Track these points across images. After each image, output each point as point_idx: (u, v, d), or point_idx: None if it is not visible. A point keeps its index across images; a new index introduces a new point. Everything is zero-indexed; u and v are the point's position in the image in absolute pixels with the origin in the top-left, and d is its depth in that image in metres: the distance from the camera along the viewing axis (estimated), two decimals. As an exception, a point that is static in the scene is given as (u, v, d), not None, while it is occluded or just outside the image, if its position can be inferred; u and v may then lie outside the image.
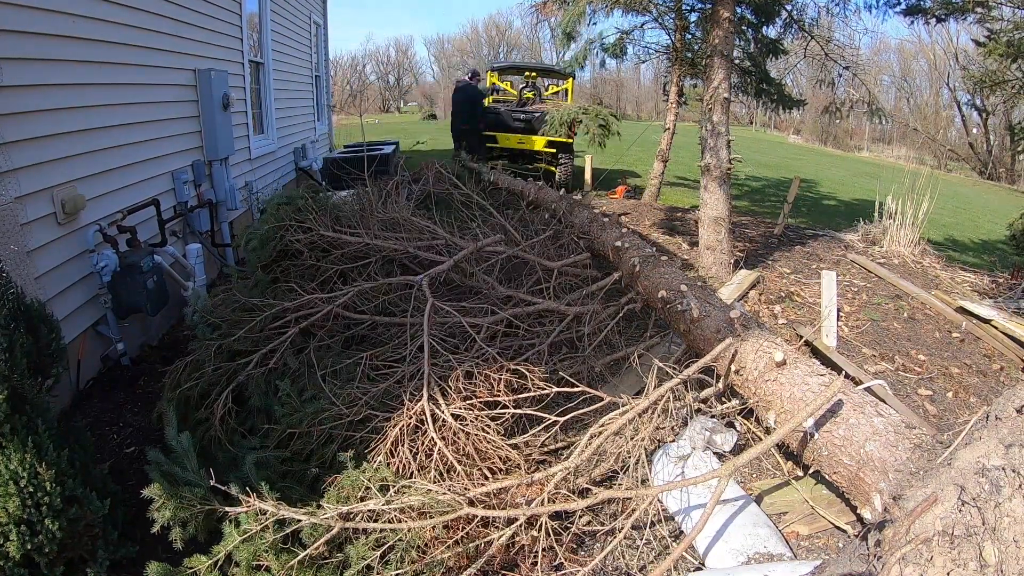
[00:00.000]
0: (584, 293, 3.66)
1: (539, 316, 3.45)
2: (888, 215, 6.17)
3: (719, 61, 4.74)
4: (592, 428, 2.37)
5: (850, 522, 2.26)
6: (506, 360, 2.75)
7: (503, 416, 2.53)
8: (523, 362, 2.77)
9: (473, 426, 2.39)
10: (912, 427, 1.94)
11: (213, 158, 5.13)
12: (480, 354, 2.79)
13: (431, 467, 2.26)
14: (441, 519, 1.96)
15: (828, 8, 6.59)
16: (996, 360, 4.05)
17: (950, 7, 5.41)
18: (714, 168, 4.84)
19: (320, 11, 10.46)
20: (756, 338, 2.55)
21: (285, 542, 1.91)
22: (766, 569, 1.92)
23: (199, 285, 4.37)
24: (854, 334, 4.13)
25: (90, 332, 3.38)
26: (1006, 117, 21.44)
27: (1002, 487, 1.37)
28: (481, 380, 2.62)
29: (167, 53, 4.34)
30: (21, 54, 2.79)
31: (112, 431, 2.97)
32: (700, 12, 7.65)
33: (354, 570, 1.87)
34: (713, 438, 2.55)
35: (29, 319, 2.13)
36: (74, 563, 1.81)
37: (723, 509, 2.23)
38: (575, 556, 2.16)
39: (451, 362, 2.65)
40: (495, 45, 46.47)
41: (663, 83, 9.79)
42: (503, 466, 2.38)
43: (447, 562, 1.94)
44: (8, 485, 1.67)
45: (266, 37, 7.04)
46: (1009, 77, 6.10)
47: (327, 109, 11.32)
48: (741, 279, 4.75)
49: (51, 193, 3.01)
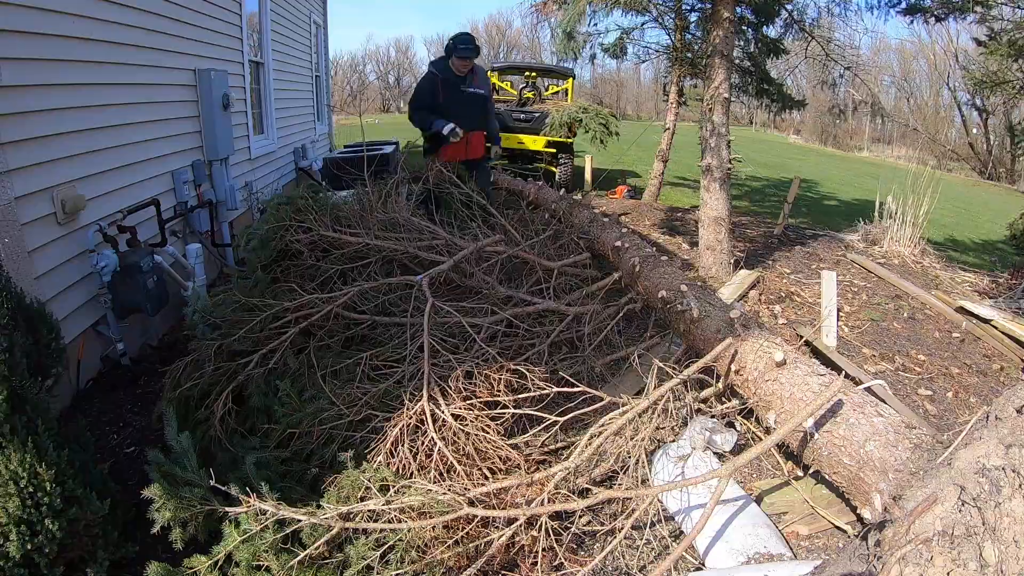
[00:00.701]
0: (584, 293, 3.66)
1: (539, 316, 3.45)
2: (888, 215, 6.17)
3: (719, 61, 4.74)
4: (592, 428, 2.37)
5: (850, 522, 2.26)
6: (506, 360, 2.75)
7: (503, 416, 2.53)
8: (523, 362, 2.77)
9: (473, 426, 2.39)
10: (912, 427, 1.94)
11: (213, 158, 5.13)
12: (480, 354, 2.79)
13: (431, 467, 2.26)
14: (441, 519, 1.96)
15: (828, 8, 6.60)
16: (996, 360, 4.04)
17: (950, 7, 5.41)
18: (715, 168, 4.84)
19: (320, 11, 10.45)
20: (756, 338, 2.55)
21: (285, 542, 1.91)
22: (766, 569, 1.92)
23: (199, 285, 4.37)
24: (854, 334, 4.13)
25: (90, 332, 3.38)
26: (1006, 117, 21.41)
27: (1002, 487, 1.37)
28: (481, 380, 2.62)
29: (167, 53, 4.34)
30: (21, 54, 2.79)
31: (112, 431, 2.97)
32: (700, 12, 7.66)
33: (354, 570, 1.87)
34: (713, 438, 2.55)
35: (29, 319, 2.13)
36: (74, 563, 1.81)
37: (723, 509, 2.23)
38: (575, 556, 2.16)
39: (451, 362, 2.65)
40: (495, 45, 46.47)
41: (663, 83, 9.80)
42: (503, 466, 2.38)
43: (447, 562, 1.94)
44: (8, 485, 1.67)
45: (266, 37, 7.04)
46: (1009, 77, 6.10)
47: (327, 109, 11.32)
48: (741, 279, 4.75)
49: (51, 193, 3.01)
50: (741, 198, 11.19)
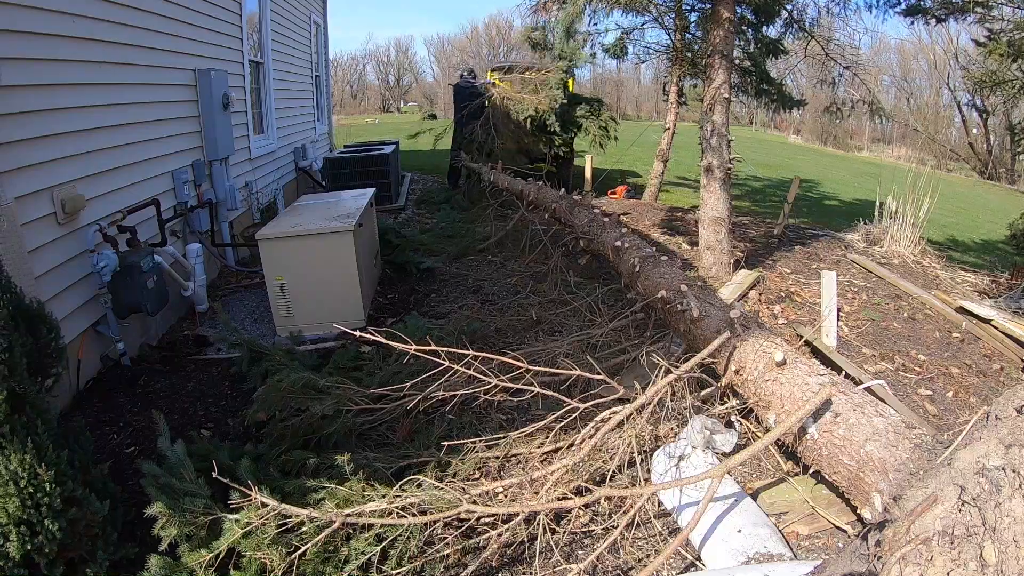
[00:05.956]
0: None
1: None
2: (888, 215, 6.17)
3: (720, 61, 4.74)
4: (587, 429, 2.37)
5: (850, 522, 2.26)
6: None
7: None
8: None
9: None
10: (912, 427, 1.94)
11: (213, 158, 5.13)
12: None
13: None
14: (441, 515, 1.96)
15: (828, 8, 6.59)
16: (996, 360, 4.04)
17: (950, 7, 5.41)
18: (715, 168, 4.84)
19: (320, 11, 10.45)
20: (756, 338, 2.55)
21: (286, 535, 1.91)
22: (766, 569, 1.92)
23: (199, 285, 4.37)
24: (854, 334, 4.13)
25: (90, 332, 3.38)
26: (1006, 117, 21.41)
27: (1002, 487, 1.37)
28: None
29: (167, 53, 4.34)
30: (21, 54, 2.79)
31: (112, 431, 2.97)
32: (700, 12, 7.66)
33: (354, 566, 1.87)
34: (713, 438, 2.55)
35: (29, 319, 2.13)
36: (74, 563, 1.81)
37: (723, 509, 2.23)
38: (573, 553, 2.16)
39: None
40: (495, 45, 46.50)
41: (663, 83, 9.80)
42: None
43: (447, 559, 1.94)
44: (8, 486, 1.67)
45: (266, 37, 7.04)
46: (1009, 77, 6.09)
47: (327, 109, 11.32)
48: (741, 279, 4.75)
49: (51, 193, 3.01)
50: (741, 198, 11.19)
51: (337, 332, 3.72)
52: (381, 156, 8.31)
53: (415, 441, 2.69)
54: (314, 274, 3.95)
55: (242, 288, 5.15)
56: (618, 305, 3.99)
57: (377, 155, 8.33)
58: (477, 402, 2.69)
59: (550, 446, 2.62)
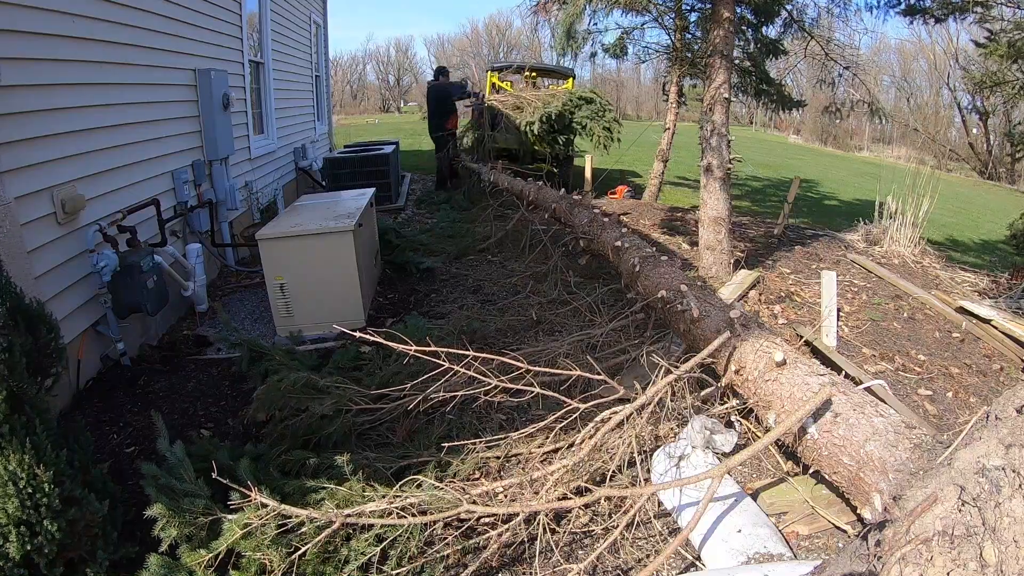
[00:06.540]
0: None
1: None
2: (888, 215, 6.17)
3: (720, 61, 4.74)
4: (587, 429, 2.37)
5: (850, 522, 2.26)
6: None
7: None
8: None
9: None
10: (912, 427, 1.94)
11: (213, 158, 5.13)
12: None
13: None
14: (441, 515, 1.96)
15: (828, 8, 6.60)
16: (996, 360, 4.04)
17: (950, 7, 5.41)
18: (715, 168, 4.84)
19: (320, 11, 10.45)
20: (756, 338, 2.55)
21: (286, 536, 1.91)
22: (766, 569, 1.92)
23: (199, 285, 4.37)
24: (854, 334, 4.13)
25: (90, 332, 3.37)
26: (1006, 118, 21.43)
27: (1002, 487, 1.37)
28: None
29: (167, 53, 4.33)
30: (21, 54, 2.79)
31: (112, 431, 2.97)
32: (700, 12, 7.66)
33: (354, 566, 1.87)
34: (713, 438, 2.55)
35: (28, 319, 2.13)
36: (74, 563, 1.81)
37: (723, 509, 2.23)
38: (573, 553, 2.16)
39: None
40: (495, 45, 46.49)
41: (663, 83, 9.80)
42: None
43: (447, 559, 1.94)
44: (7, 486, 1.67)
45: (266, 37, 7.04)
46: (1009, 78, 6.10)
47: (327, 109, 11.32)
48: (741, 279, 4.75)
49: (51, 193, 3.01)
50: (741, 198, 11.19)
51: (337, 332, 3.72)
52: (381, 156, 8.31)
53: (415, 441, 2.69)
54: (314, 274, 3.95)
55: (242, 288, 5.15)
56: (618, 305, 3.99)
57: (377, 155, 8.33)
58: (477, 402, 2.68)
59: (550, 446, 2.62)
